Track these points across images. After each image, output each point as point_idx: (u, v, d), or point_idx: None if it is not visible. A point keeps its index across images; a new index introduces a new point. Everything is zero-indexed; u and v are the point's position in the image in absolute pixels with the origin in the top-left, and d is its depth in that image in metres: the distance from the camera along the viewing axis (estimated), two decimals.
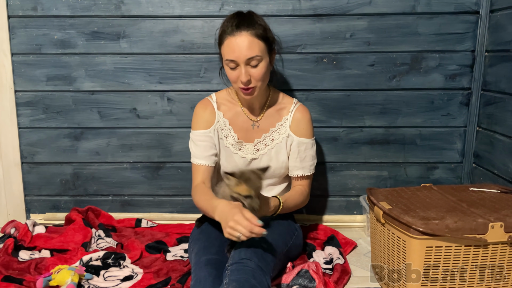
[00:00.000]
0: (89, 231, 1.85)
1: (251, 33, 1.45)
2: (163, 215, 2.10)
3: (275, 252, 1.40)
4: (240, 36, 1.44)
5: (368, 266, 1.65)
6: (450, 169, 2.04)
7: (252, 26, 1.46)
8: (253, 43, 1.45)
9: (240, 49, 1.44)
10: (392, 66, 1.93)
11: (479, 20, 1.88)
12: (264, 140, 1.64)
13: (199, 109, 1.64)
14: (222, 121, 1.62)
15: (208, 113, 1.63)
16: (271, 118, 1.64)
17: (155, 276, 1.56)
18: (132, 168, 2.06)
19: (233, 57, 1.46)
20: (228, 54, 1.47)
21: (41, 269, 1.59)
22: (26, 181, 2.08)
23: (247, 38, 1.44)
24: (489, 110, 1.87)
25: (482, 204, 1.39)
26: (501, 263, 1.29)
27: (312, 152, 1.66)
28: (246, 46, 1.44)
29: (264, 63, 1.49)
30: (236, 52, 1.45)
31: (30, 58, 1.96)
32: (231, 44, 1.45)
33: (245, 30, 1.45)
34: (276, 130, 1.64)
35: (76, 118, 2.01)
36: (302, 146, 1.63)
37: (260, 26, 1.48)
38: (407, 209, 1.36)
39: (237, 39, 1.44)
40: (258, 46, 1.46)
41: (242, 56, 1.45)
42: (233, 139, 1.62)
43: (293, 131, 1.63)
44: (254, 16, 1.51)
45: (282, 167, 1.66)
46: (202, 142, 1.61)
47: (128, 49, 1.94)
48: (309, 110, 1.67)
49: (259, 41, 1.46)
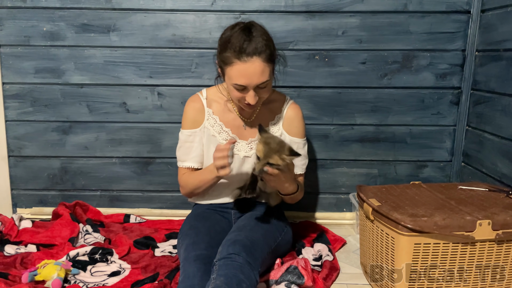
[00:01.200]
0: (76, 226, 1.83)
1: (262, 59, 1.37)
2: (152, 211, 2.09)
3: (263, 248, 1.40)
4: (253, 63, 1.36)
5: (357, 263, 1.66)
6: (440, 168, 2.05)
7: (263, 50, 1.37)
8: (265, 69, 1.38)
9: (252, 76, 1.37)
10: (384, 64, 1.94)
11: (470, 19, 1.89)
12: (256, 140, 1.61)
13: (188, 107, 1.61)
14: (212, 118, 1.60)
15: (197, 111, 1.60)
16: (263, 117, 1.62)
17: (142, 271, 1.55)
18: (121, 163, 2.05)
19: (243, 83, 1.39)
20: (237, 79, 1.39)
21: (27, 264, 1.57)
22: (13, 175, 2.05)
23: (259, 66, 1.37)
24: (479, 109, 1.88)
25: (471, 202, 1.40)
26: (488, 261, 1.30)
27: (303, 151, 1.64)
28: (258, 73, 1.37)
29: (271, 81, 1.45)
30: (248, 80, 1.38)
31: (18, 50, 1.93)
32: (242, 70, 1.37)
33: (257, 56, 1.36)
34: (268, 129, 1.61)
35: (65, 112, 1.99)
36: (294, 145, 1.59)
37: (268, 46, 1.39)
38: (396, 206, 1.36)
39: (249, 67, 1.36)
40: (268, 71, 1.40)
41: (253, 83, 1.39)
42: (226, 134, 1.60)
43: (286, 129, 1.62)
44: (260, 33, 1.40)
45: None
46: (190, 143, 1.59)
47: (118, 42, 1.92)
48: (300, 108, 1.65)
49: (269, 65, 1.40)
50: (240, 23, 1.43)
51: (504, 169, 1.69)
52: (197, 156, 1.60)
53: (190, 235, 1.48)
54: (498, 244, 1.28)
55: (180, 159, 1.62)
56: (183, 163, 1.61)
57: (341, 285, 1.51)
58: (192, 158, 1.60)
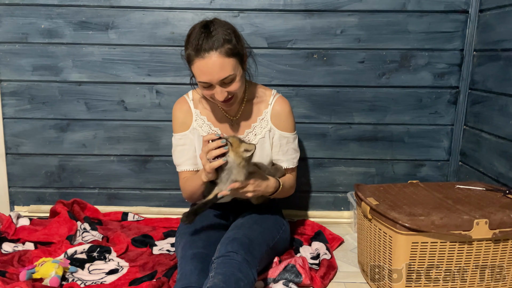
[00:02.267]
0: (74, 224, 1.83)
1: (220, 53, 1.34)
2: (150, 209, 2.09)
3: (262, 246, 1.40)
4: (210, 58, 1.34)
5: (354, 262, 1.66)
6: (437, 167, 2.06)
7: (220, 44, 1.35)
8: (224, 64, 1.36)
9: (211, 72, 1.36)
10: (382, 64, 1.94)
11: (468, 19, 1.89)
12: (247, 136, 1.60)
13: (175, 110, 1.60)
14: (200, 119, 1.58)
15: (184, 113, 1.59)
16: (251, 114, 1.60)
17: (140, 269, 1.55)
18: (119, 161, 2.04)
19: (205, 80, 1.38)
20: (199, 77, 1.39)
21: (25, 262, 1.57)
22: (10, 172, 2.05)
23: (217, 60, 1.35)
24: (476, 109, 1.89)
25: (468, 201, 1.40)
26: (485, 260, 1.30)
27: (294, 145, 1.63)
28: (217, 68, 1.35)
29: (239, 76, 1.42)
30: (208, 75, 1.37)
31: (16, 47, 1.92)
32: (201, 66, 1.36)
33: (214, 50, 1.34)
34: (258, 125, 1.60)
35: (63, 109, 1.98)
36: (283, 140, 1.60)
37: (227, 41, 1.36)
38: (394, 205, 1.37)
39: (207, 62, 1.35)
40: (230, 65, 1.37)
41: (215, 79, 1.37)
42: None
43: (274, 124, 1.59)
44: (219, 28, 1.38)
45: (267, 161, 1.62)
46: (182, 146, 1.59)
47: (116, 40, 1.92)
48: (288, 102, 1.61)
49: (230, 59, 1.37)
50: (203, 20, 1.42)
51: (501, 169, 1.70)
52: (190, 158, 1.59)
53: (187, 233, 1.48)
54: (495, 243, 1.29)
55: (176, 163, 1.62)
56: (179, 167, 1.61)
57: (338, 283, 1.52)
58: (186, 161, 1.59)
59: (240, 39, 1.43)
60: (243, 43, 1.46)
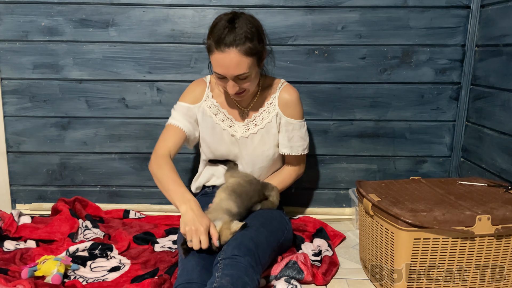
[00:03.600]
0: (76, 221, 1.83)
1: (239, 51, 1.38)
2: (152, 207, 2.09)
3: (266, 251, 1.38)
4: (229, 54, 1.38)
5: (356, 258, 1.66)
6: (439, 163, 2.05)
7: (242, 42, 1.38)
8: (241, 62, 1.40)
9: (228, 67, 1.41)
10: (383, 60, 1.93)
11: (470, 14, 1.88)
12: (254, 120, 1.62)
13: (192, 85, 1.66)
14: (210, 101, 1.62)
15: (199, 90, 1.63)
16: (261, 102, 1.63)
17: (142, 267, 1.55)
18: (120, 159, 2.04)
19: (220, 72, 1.43)
20: (216, 68, 1.44)
21: (27, 260, 1.57)
22: (12, 170, 2.05)
23: (235, 57, 1.38)
24: (478, 104, 1.88)
25: (470, 197, 1.40)
26: (488, 256, 1.30)
27: (300, 133, 1.64)
28: (234, 65, 1.40)
29: (253, 74, 1.47)
30: (224, 69, 1.42)
31: (17, 45, 1.92)
32: (219, 59, 1.41)
33: (234, 47, 1.38)
34: (265, 110, 1.62)
35: (63, 107, 1.98)
36: (289, 126, 1.62)
37: (249, 39, 1.39)
38: (395, 201, 1.36)
39: (225, 57, 1.39)
40: (246, 64, 1.41)
41: (230, 74, 1.42)
42: (223, 115, 1.62)
43: (281, 109, 1.61)
44: (244, 25, 1.40)
45: (273, 146, 1.64)
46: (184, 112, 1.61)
47: (117, 37, 1.91)
48: (296, 90, 1.62)
49: (247, 58, 1.40)
50: (232, 12, 1.45)
51: (503, 164, 1.69)
52: (186, 125, 1.60)
53: None
54: (498, 239, 1.29)
55: (173, 116, 1.61)
56: (172, 120, 1.60)
57: (340, 280, 1.52)
58: (182, 121, 1.59)
59: (262, 39, 1.47)
60: (265, 41, 1.49)
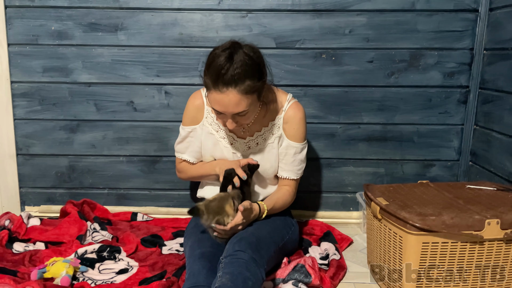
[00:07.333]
0: (84, 224, 1.84)
1: (238, 91, 1.32)
2: (159, 209, 2.09)
3: (270, 245, 1.40)
4: (227, 94, 1.32)
5: (364, 262, 1.66)
6: (447, 167, 2.04)
7: (241, 81, 1.31)
8: (241, 101, 1.34)
9: (227, 106, 1.35)
10: (391, 63, 1.93)
11: (478, 18, 1.88)
12: (256, 139, 1.58)
13: (189, 104, 1.61)
14: (210, 117, 1.58)
15: (197, 108, 1.58)
16: (263, 118, 1.56)
17: (150, 269, 1.55)
18: (128, 162, 2.05)
19: (219, 110, 1.38)
20: (214, 105, 1.38)
21: (36, 261, 1.58)
22: (21, 173, 2.06)
23: (234, 97, 1.33)
24: (487, 108, 1.87)
25: (479, 201, 1.39)
26: (497, 261, 1.29)
27: (301, 156, 1.59)
28: (233, 104, 1.34)
29: (253, 109, 1.42)
30: (223, 108, 1.36)
31: (27, 49, 1.94)
32: (218, 99, 1.35)
33: (233, 87, 1.31)
34: (269, 130, 1.57)
35: (72, 110, 2.00)
36: (291, 149, 1.57)
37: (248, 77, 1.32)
38: (404, 205, 1.36)
39: (224, 98, 1.33)
40: (246, 102, 1.35)
41: (229, 113, 1.38)
42: (224, 133, 1.58)
43: (285, 130, 1.57)
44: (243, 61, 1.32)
45: (273, 167, 1.60)
46: (189, 138, 1.61)
47: (125, 41, 1.93)
48: (303, 109, 1.57)
49: (247, 96, 1.34)
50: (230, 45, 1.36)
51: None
52: (195, 151, 1.63)
53: (195, 233, 1.48)
54: (507, 243, 1.28)
55: (178, 151, 1.67)
56: (181, 155, 1.66)
57: (348, 284, 1.51)
58: (190, 153, 1.64)
59: (263, 72, 1.40)
60: (265, 71, 1.42)
